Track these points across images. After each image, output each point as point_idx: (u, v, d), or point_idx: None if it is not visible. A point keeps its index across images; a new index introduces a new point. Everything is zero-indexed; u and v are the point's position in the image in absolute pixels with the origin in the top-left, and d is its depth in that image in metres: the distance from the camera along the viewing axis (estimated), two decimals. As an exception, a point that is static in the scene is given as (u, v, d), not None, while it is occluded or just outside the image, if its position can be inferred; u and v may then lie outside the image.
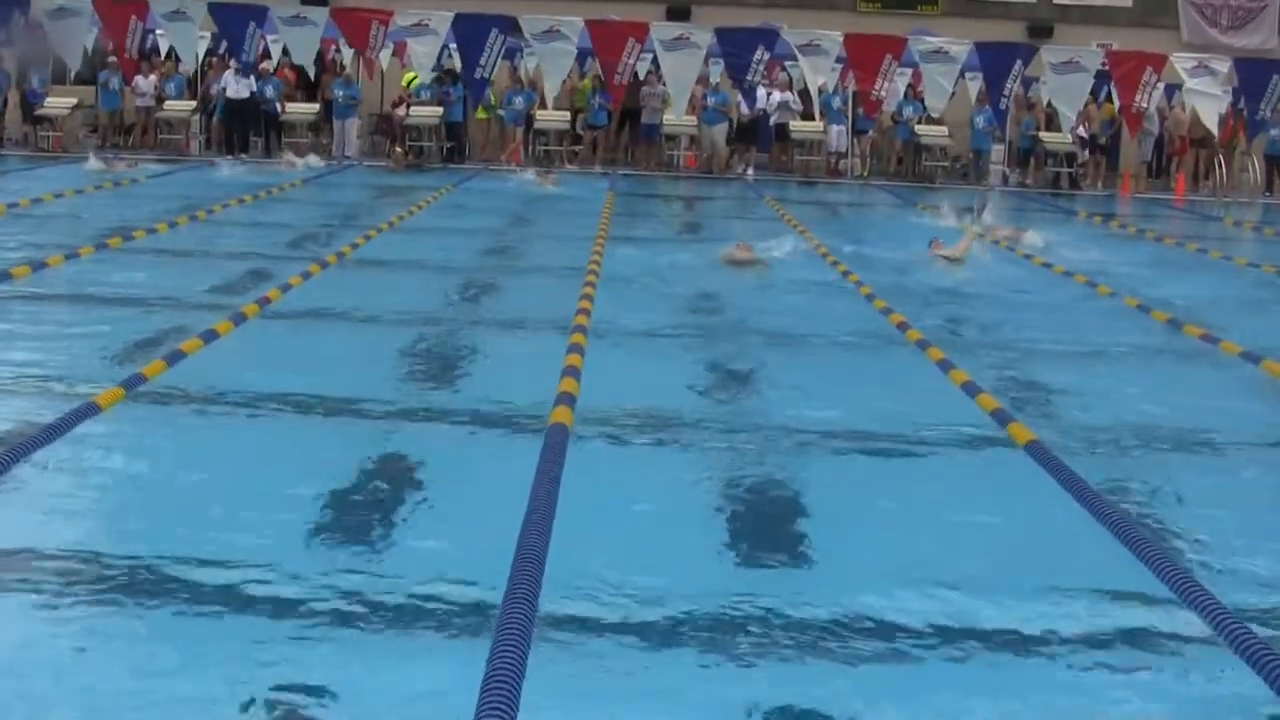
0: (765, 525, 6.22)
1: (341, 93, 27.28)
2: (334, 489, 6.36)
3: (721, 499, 6.51)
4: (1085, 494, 6.46)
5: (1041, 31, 32.50)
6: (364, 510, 6.16)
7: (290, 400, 7.98)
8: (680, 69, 25.92)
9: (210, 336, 9.47)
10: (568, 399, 7.74)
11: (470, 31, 25.94)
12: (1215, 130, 27.20)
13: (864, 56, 26.33)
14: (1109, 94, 28.28)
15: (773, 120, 28.34)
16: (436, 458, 6.99)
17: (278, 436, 7.42)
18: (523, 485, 6.07)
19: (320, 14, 26.49)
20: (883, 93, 26.68)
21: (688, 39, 26.06)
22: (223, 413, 7.74)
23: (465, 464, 6.97)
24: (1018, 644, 4.98)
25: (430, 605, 5.07)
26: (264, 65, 27.75)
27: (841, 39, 26.24)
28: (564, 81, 27.18)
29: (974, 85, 27.97)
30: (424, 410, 7.98)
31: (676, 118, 27.21)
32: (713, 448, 7.39)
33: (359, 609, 5.02)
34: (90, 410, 7.31)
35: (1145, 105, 26.83)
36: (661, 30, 26.43)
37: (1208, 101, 26.50)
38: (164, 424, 7.53)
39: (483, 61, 25.86)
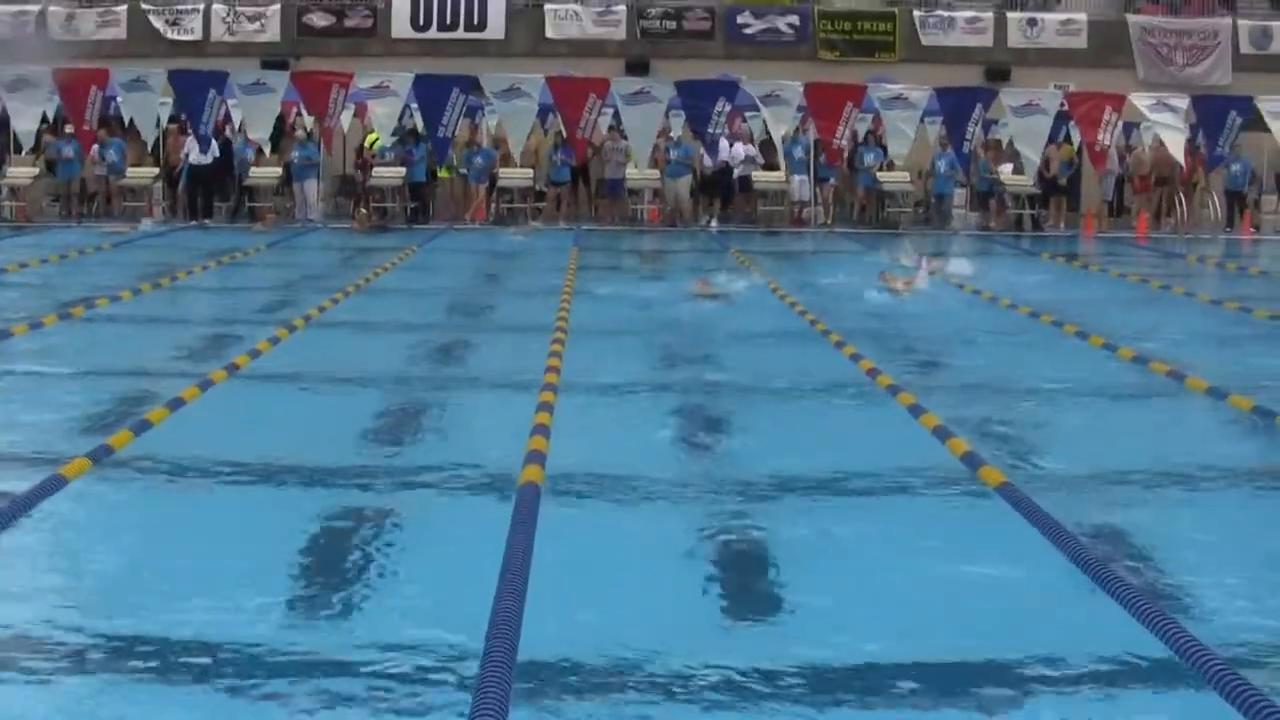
0: (740, 579, 6.20)
1: (298, 154, 27.20)
2: (304, 555, 6.32)
3: (695, 553, 6.49)
4: (1059, 536, 6.46)
5: (999, 75, 32.80)
6: (335, 575, 6.11)
7: (259, 466, 7.94)
8: (642, 123, 26.03)
9: (177, 404, 9.42)
10: (538, 457, 7.71)
11: (431, 92, 26.01)
12: (1182, 161, 27.42)
13: (824, 105, 26.48)
14: (1067, 134, 28.48)
15: (737, 173, 28.44)
16: (407, 520, 6.96)
17: (247, 503, 7.37)
18: (496, 546, 6.03)
19: (280, 79, 26.51)
20: (844, 140, 26.83)
21: (648, 93, 26.19)
22: (191, 481, 7.68)
23: (437, 526, 6.93)
24: (997, 687, 4.97)
25: (404, 669, 5.03)
26: (230, 128, 27.80)
27: (802, 88, 26.40)
28: (529, 138, 27.21)
29: (934, 130, 28.15)
30: (394, 473, 7.93)
31: (640, 171, 27.26)
32: (685, 501, 7.37)
33: (331, 675, 4.97)
34: (57, 483, 7.25)
35: (1107, 143, 27.04)
36: (622, 85, 26.56)
37: (1174, 134, 26.71)
38: (132, 494, 7.48)
39: (444, 121, 25.93)
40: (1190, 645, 5.00)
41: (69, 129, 27.27)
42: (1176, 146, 26.79)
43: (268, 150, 27.78)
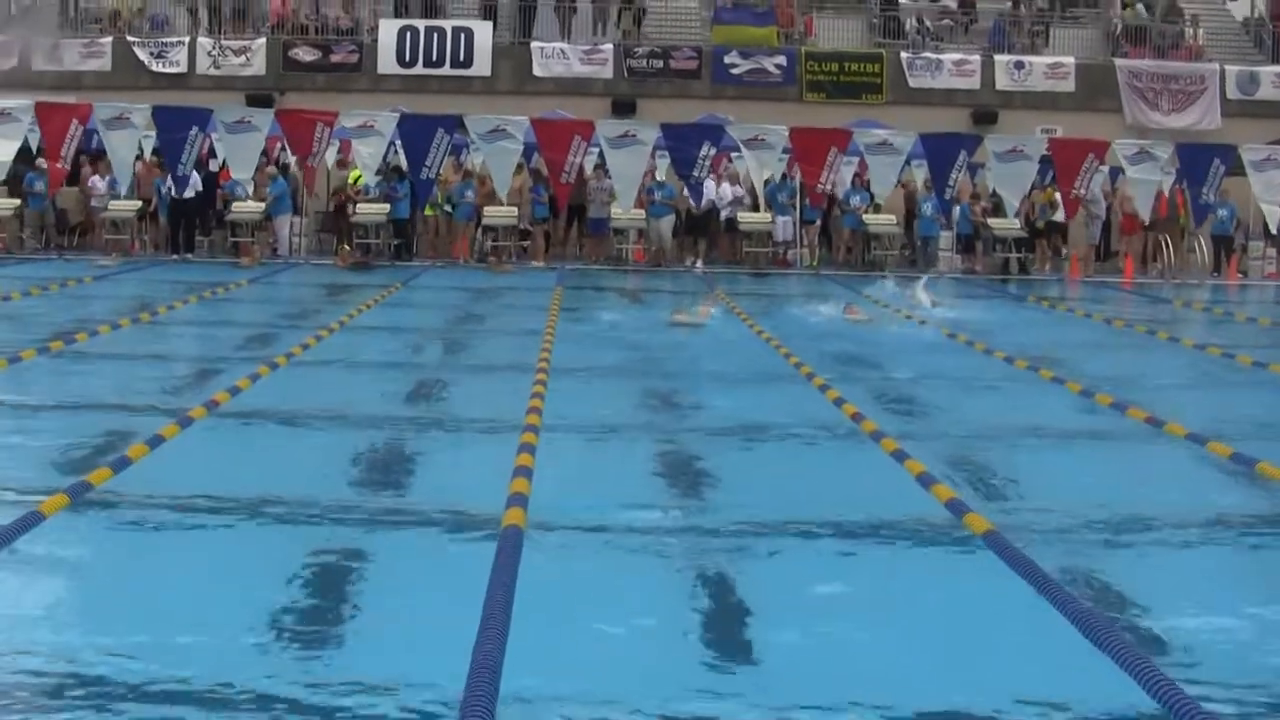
0: (722, 625, 6.21)
1: (270, 189, 27.22)
2: (283, 596, 6.32)
3: (679, 598, 6.50)
4: (1045, 584, 6.48)
5: (986, 118, 33.02)
6: (314, 616, 6.12)
7: (238, 505, 7.94)
8: (626, 166, 26.12)
9: (156, 441, 9.41)
10: (520, 500, 7.73)
11: (416, 132, 26.09)
12: (1145, 217, 27.64)
13: (809, 150, 26.60)
14: (1053, 178, 28.58)
15: (725, 215, 28.54)
16: (388, 562, 6.96)
17: (226, 543, 7.36)
18: (477, 589, 6.04)
19: (265, 117, 26.56)
20: (828, 186, 26.93)
21: (633, 136, 26.27)
22: (170, 519, 7.67)
23: (417, 568, 6.93)
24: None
25: (384, 713, 5.04)
26: (214, 162, 27.88)
27: (787, 132, 26.52)
28: (514, 176, 27.25)
29: (920, 172, 28.30)
30: (375, 514, 7.92)
31: (624, 212, 27.31)
32: (668, 545, 7.38)
33: (309, 717, 4.97)
34: (34, 519, 7.24)
35: (1084, 192, 27.22)
36: (607, 128, 26.64)
37: (1145, 188, 26.95)
38: (110, 532, 7.48)
39: (428, 162, 25.99)
40: (1178, 699, 5.03)
41: (40, 161, 27.21)
42: (1145, 200, 27.00)
43: (250, 188, 27.75)
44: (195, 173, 26.93)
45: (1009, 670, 5.66)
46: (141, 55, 33.35)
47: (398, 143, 26.67)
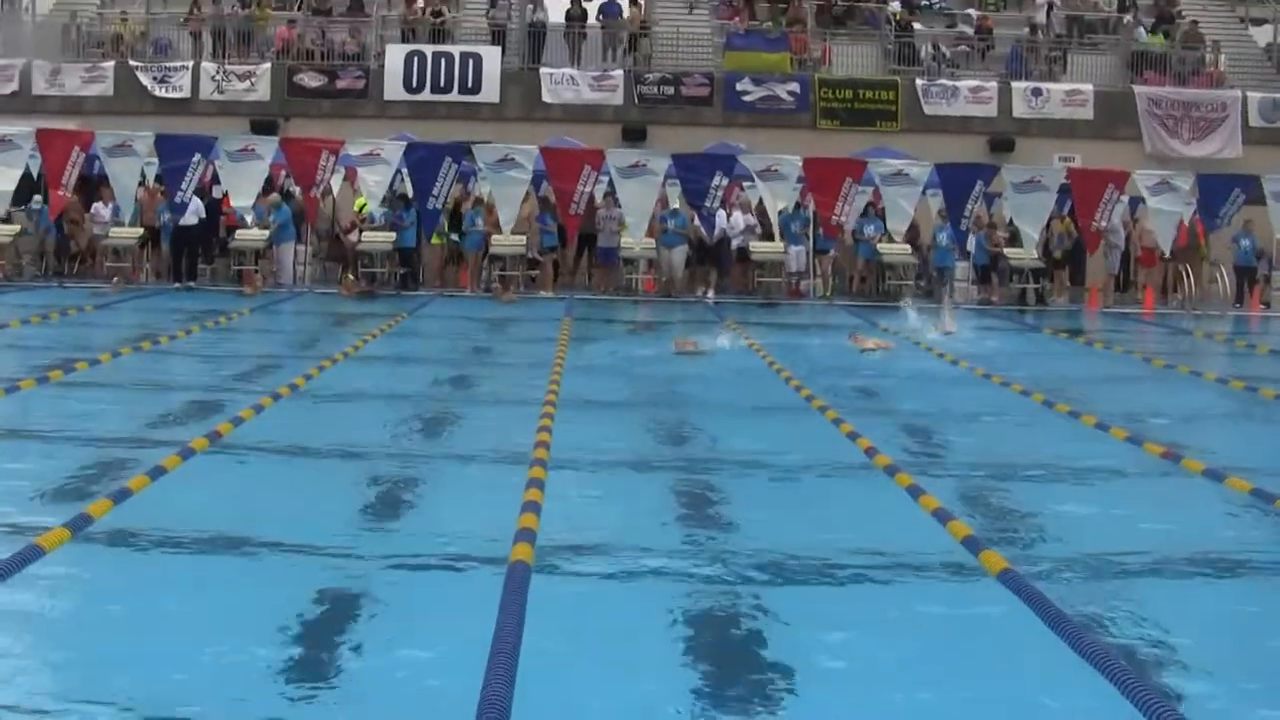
0: (735, 665, 6.20)
1: (272, 217, 27.29)
2: (286, 632, 6.33)
3: (690, 638, 6.50)
4: (1062, 623, 6.48)
5: (1003, 145, 33.10)
6: (318, 655, 6.12)
7: (241, 539, 7.95)
8: (637, 196, 26.10)
9: (158, 473, 9.44)
10: (528, 535, 7.74)
11: (423, 160, 26.11)
12: (1166, 250, 27.62)
13: (823, 180, 26.57)
14: (1071, 207, 28.50)
15: (736, 244, 28.54)
16: (391, 599, 6.96)
17: (227, 577, 7.36)
18: (485, 627, 6.04)
19: (269, 145, 26.59)
20: (843, 217, 26.89)
21: (644, 165, 26.25)
22: (172, 553, 7.70)
23: (423, 605, 6.94)
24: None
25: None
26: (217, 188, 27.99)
27: (800, 163, 26.50)
28: (523, 204, 27.26)
29: (935, 201, 28.30)
30: (380, 549, 7.93)
31: (634, 242, 27.28)
32: (678, 582, 7.38)
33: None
34: (33, 553, 7.26)
35: (1104, 224, 27.17)
36: (617, 157, 26.63)
37: (1167, 220, 26.91)
38: (111, 565, 7.49)
39: (435, 191, 25.99)
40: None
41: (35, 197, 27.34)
42: (1166, 232, 26.97)
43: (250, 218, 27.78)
44: (198, 200, 27.00)
45: (1026, 712, 5.65)
46: (144, 80, 33.54)
47: (404, 170, 26.71)
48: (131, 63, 33.81)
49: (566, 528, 8.27)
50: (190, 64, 33.77)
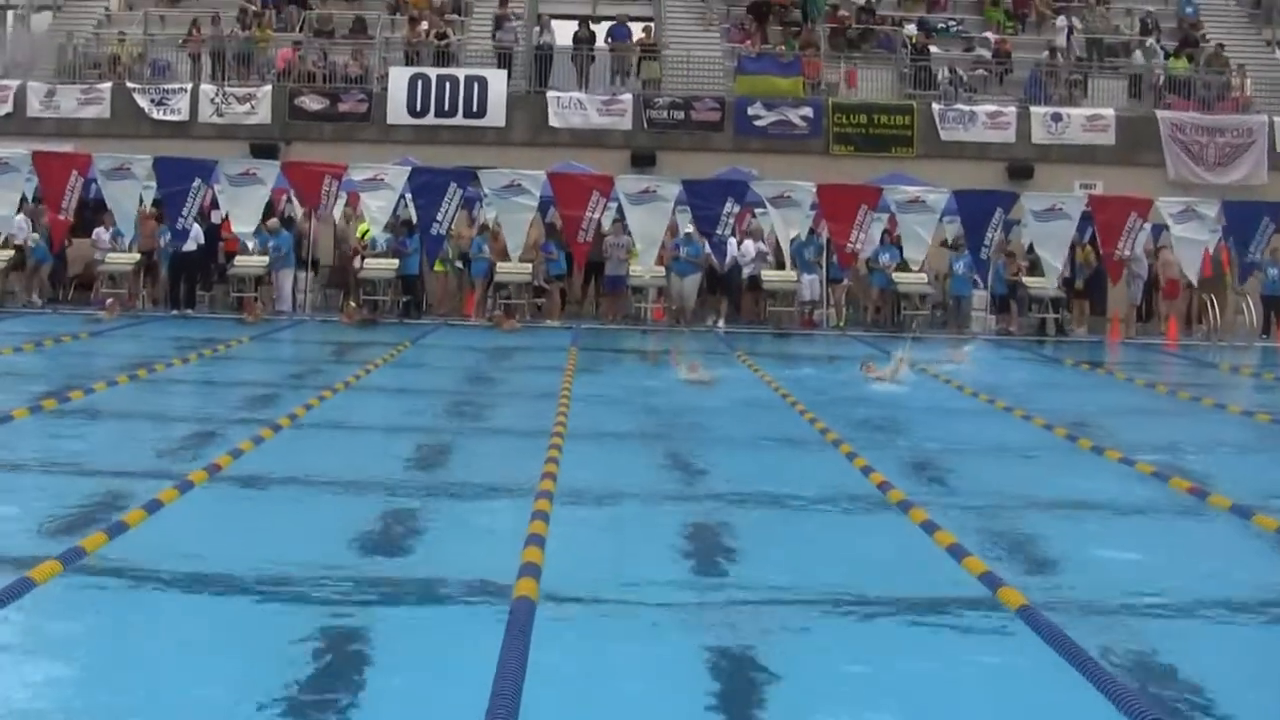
0: (744, 705, 6.20)
1: (272, 244, 27.34)
2: (286, 669, 6.33)
3: (698, 676, 6.49)
4: (1084, 662, 6.47)
5: (1021, 172, 33.11)
6: (319, 693, 6.13)
7: (239, 574, 7.95)
8: (647, 223, 26.09)
9: (154, 506, 9.46)
10: (533, 570, 7.74)
11: (427, 186, 26.15)
12: (1194, 280, 27.57)
13: (838, 208, 26.54)
14: (1093, 235, 28.43)
15: (747, 272, 28.55)
16: (393, 635, 6.97)
17: (226, 613, 7.37)
18: (487, 664, 6.05)
19: (270, 169, 26.67)
20: (858, 245, 26.86)
21: (654, 192, 26.24)
22: (167, 587, 7.71)
23: (426, 642, 6.94)
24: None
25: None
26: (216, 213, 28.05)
27: (814, 189, 26.49)
28: (530, 229, 27.29)
29: (952, 229, 28.28)
30: (382, 584, 7.95)
31: (643, 268, 27.26)
32: (687, 619, 7.38)
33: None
34: (25, 586, 7.28)
35: (1127, 253, 27.12)
36: (627, 183, 26.63)
37: (1193, 249, 26.87)
38: (105, 600, 7.49)
39: (439, 217, 26.02)
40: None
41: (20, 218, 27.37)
42: (1192, 261, 26.92)
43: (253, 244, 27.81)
44: (197, 225, 27.08)
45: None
46: (142, 102, 33.66)
47: (408, 196, 26.74)
48: (129, 84, 33.96)
49: (572, 563, 8.27)
50: (189, 86, 33.91)
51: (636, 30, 36.57)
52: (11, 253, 27.65)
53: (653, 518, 10.10)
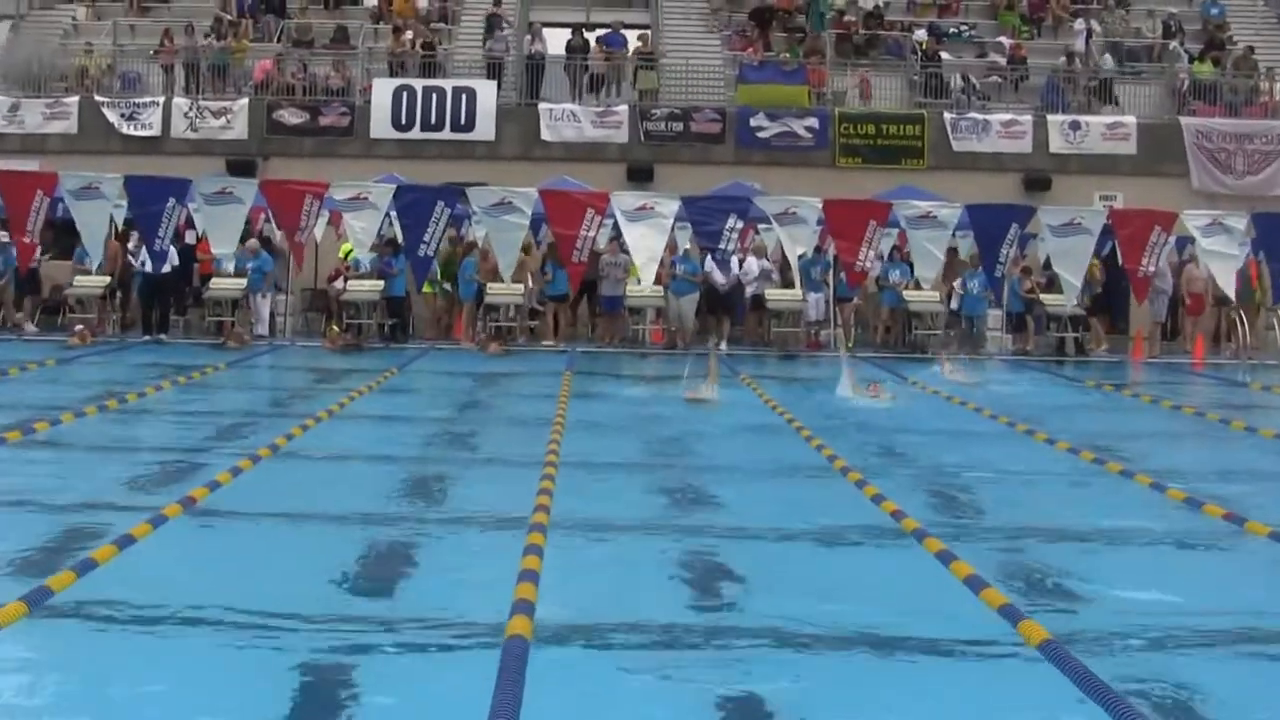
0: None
1: (251, 265, 27.32)
2: (264, 714, 6.31)
3: (701, 717, 6.47)
4: (1110, 701, 6.45)
5: (1038, 184, 33.17)
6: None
7: (217, 614, 7.91)
8: (645, 241, 25.90)
9: (126, 542, 9.43)
10: (526, 607, 7.72)
11: (413, 204, 26.00)
12: (1232, 295, 27.39)
13: (846, 224, 26.35)
14: (1113, 249, 28.30)
15: (751, 290, 28.50)
16: (381, 677, 6.95)
17: (201, 656, 7.33)
18: (479, 708, 6.03)
19: (248, 188, 26.52)
20: (867, 263, 26.65)
21: (652, 208, 26.03)
22: (141, 630, 7.67)
23: (414, 682, 6.91)
24: None
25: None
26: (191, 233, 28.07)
27: (820, 204, 26.38)
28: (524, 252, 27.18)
29: (965, 243, 28.21)
30: (367, 622, 7.91)
31: (641, 288, 27.18)
32: (690, 659, 7.36)
33: None
34: (-14, 630, 7.26)
35: (1153, 269, 26.86)
36: (624, 200, 26.46)
37: (1224, 262, 26.67)
38: (73, 643, 7.47)
39: (426, 238, 25.82)
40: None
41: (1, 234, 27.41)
42: (1226, 276, 26.73)
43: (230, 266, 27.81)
44: (171, 246, 27.02)
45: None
46: (111, 117, 33.71)
47: (393, 214, 26.67)
48: (97, 98, 34.02)
49: (568, 599, 8.25)
50: (161, 100, 33.98)
51: (632, 38, 36.62)
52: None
53: (652, 550, 10.07)
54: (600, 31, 36.92)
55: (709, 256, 27.07)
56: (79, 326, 26.19)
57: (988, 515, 11.73)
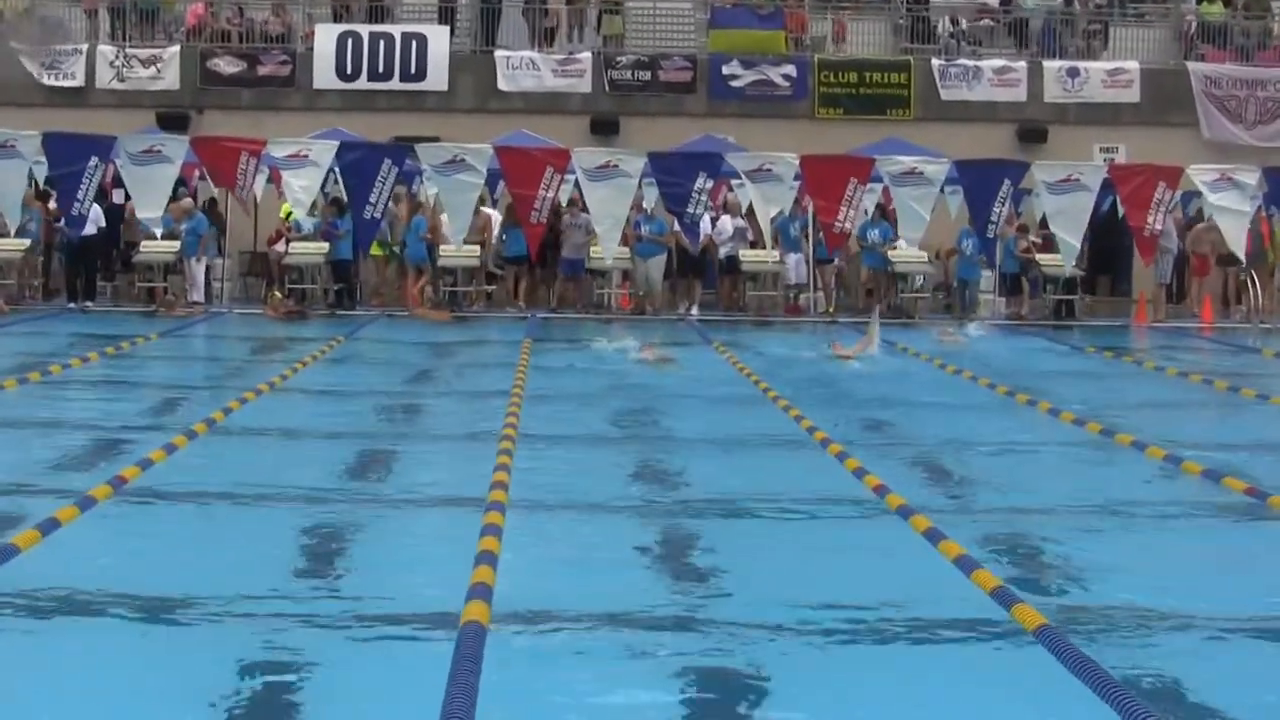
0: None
1: (185, 227, 27.15)
2: (205, 706, 6.32)
3: (671, 708, 6.51)
4: (1110, 689, 6.48)
5: (1033, 135, 33.17)
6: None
7: (150, 602, 7.90)
8: (608, 202, 25.80)
9: (50, 526, 9.40)
10: (483, 591, 7.74)
11: (358, 163, 25.91)
12: (1242, 255, 27.40)
13: (824, 182, 26.35)
14: (1114, 205, 28.34)
15: (724, 252, 28.42)
16: (329, 667, 6.96)
17: (134, 649, 7.32)
18: (433, 697, 6.05)
19: (179, 146, 26.39)
20: (847, 224, 26.66)
21: (616, 166, 25.93)
22: (67, 621, 7.67)
23: (364, 672, 6.92)
24: None
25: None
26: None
27: (797, 161, 26.32)
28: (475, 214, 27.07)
29: (954, 200, 28.20)
30: (314, 610, 7.92)
31: (607, 256, 27.09)
32: (660, 644, 7.38)
33: None
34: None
35: (1159, 228, 26.93)
36: (585, 157, 26.41)
37: (1234, 219, 26.70)
38: (-4, 635, 7.48)
39: (373, 199, 25.70)
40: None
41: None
42: (1237, 234, 26.77)
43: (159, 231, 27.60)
44: (96, 206, 26.84)
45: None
46: (30, 67, 33.37)
47: (336, 171, 26.58)
48: (13, 45, 33.67)
49: (528, 583, 8.27)
50: (85, 47, 33.69)
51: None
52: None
53: (619, 529, 10.11)
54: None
55: (676, 220, 26.97)
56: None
57: (978, 490, 11.78)
